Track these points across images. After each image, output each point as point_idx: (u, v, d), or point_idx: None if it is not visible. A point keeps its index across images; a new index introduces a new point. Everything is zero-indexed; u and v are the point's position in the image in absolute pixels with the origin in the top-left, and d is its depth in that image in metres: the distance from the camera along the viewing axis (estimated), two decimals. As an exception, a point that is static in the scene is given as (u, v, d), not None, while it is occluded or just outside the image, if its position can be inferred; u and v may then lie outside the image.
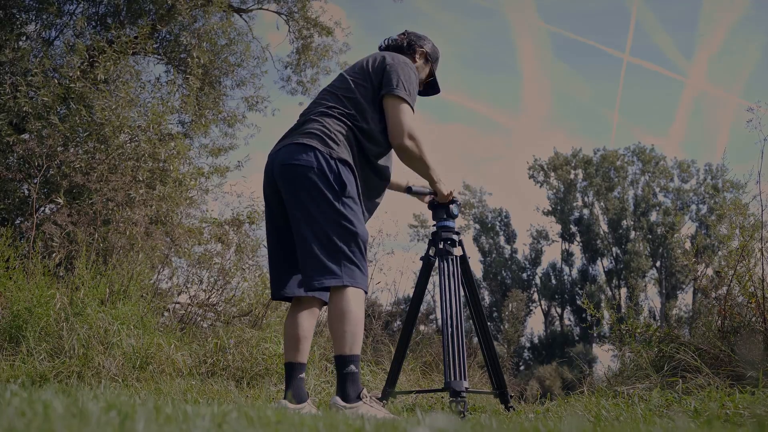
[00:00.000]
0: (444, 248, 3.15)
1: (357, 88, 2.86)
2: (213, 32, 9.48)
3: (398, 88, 2.80)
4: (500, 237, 43.21)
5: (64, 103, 7.60)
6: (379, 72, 2.87)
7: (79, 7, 9.49)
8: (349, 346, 2.57)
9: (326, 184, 2.63)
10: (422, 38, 3.24)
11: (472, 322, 3.38)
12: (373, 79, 2.86)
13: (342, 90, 2.88)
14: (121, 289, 5.28)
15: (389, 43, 3.21)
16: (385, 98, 2.82)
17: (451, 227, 3.22)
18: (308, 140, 2.70)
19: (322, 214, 2.63)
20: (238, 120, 9.94)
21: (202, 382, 4.27)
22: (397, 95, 2.79)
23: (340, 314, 2.58)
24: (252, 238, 7.60)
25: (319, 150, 2.67)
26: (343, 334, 2.57)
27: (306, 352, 2.79)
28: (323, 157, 2.65)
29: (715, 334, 3.93)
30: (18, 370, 4.24)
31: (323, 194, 2.63)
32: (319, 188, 2.63)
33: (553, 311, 41.33)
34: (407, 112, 2.80)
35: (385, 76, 2.84)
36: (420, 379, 5.13)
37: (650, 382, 3.65)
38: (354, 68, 2.97)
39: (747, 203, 4.41)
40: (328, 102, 2.85)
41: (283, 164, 2.71)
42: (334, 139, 2.71)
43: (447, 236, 3.18)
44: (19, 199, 7.56)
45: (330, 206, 2.63)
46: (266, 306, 5.97)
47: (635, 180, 41.05)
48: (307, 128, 2.76)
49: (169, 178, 7.15)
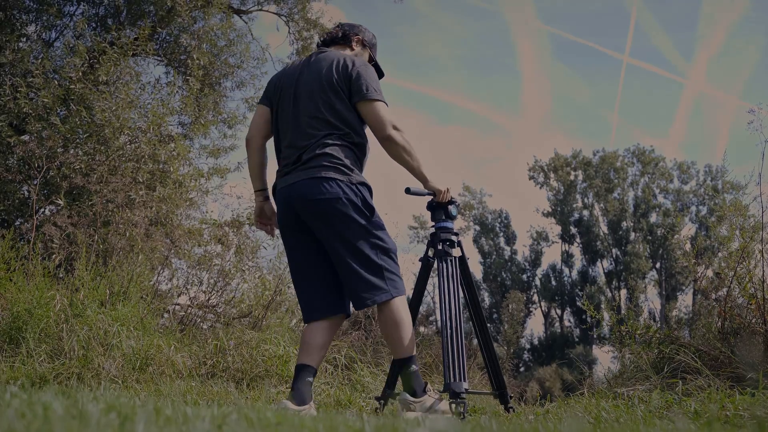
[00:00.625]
0: (443, 249, 3.15)
1: (337, 104, 2.94)
2: (213, 33, 9.47)
3: (369, 92, 2.93)
4: (500, 238, 43.21)
5: (64, 104, 7.60)
6: (346, 80, 2.96)
7: (79, 8, 9.50)
8: (407, 349, 2.84)
9: (357, 211, 2.82)
10: (356, 26, 3.35)
11: (472, 323, 3.38)
12: (344, 90, 2.96)
13: (325, 111, 2.94)
14: (121, 290, 5.28)
15: (326, 39, 3.31)
16: (359, 105, 2.95)
17: (450, 228, 3.22)
18: (326, 173, 2.82)
19: (360, 239, 2.82)
20: (238, 121, 9.94)
21: (202, 384, 4.27)
22: (370, 99, 2.92)
23: (395, 324, 2.83)
24: (252, 240, 7.60)
25: (340, 180, 2.82)
26: (401, 340, 2.83)
27: (318, 359, 2.87)
28: (347, 186, 2.82)
29: (715, 336, 3.92)
30: (18, 372, 4.23)
31: (356, 221, 2.82)
32: (352, 217, 2.82)
33: (553, 313, 41.32)
34: (383, 107, 2.94)
35: (354, 85, 2.95)
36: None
37: (650, 383, 3.65)
38: (318, 83, 2.99)
39: (747, 204, 4.41)
40: (320, 130, 2.92)
41: (309, 200, 2.83)
42: (347, 165, 2.86)
43: (446, 237, 3.19)
44: (19, 200, 7.56)
45: (364, 230, 2.83)
46: (266, 307, 5.97)
47: (635, 181, 41.05)
48: (317, 162, 2.86)
49: (169, 179, 7.14)
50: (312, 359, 2.83)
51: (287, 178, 2.93)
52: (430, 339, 8.07)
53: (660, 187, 40.65)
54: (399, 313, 2.83)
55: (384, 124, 2.89)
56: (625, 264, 38.59)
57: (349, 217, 2.80)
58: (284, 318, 6.17)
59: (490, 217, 43.19)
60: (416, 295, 3.33)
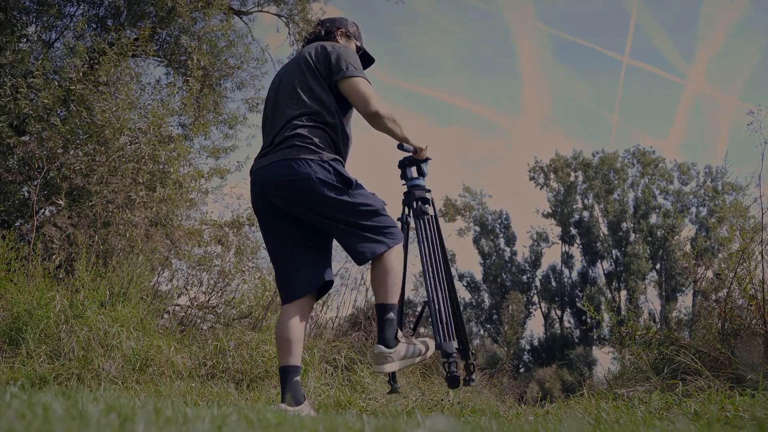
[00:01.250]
0: (419, 208, 3.19)
1: (313, 85, 2.96)
2: (213, 34, 9.48)
3: (348, 70, 2.94)
4: (500, 239, 43.20)
5: (64, 105, 7.60)
6: (325, 62, 2.98)
7: (79, 9, 9.50)
8: (390, 296, 2.88)
9: (332, 189, 2.81)
10: (336, 20, 3.37)
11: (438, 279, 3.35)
12: (321, 71, 2.97)
13: (301, 91, 2.96)
14: (121, 291, 5.28)
15: (309, 37, 3.33)
16: (340, 84, 2.95)
17: (423, 186, 3.25)
18: (296, 153, 2.83)
19: (347, 213, 2.84)
20: (238, 121, 9.94)
21: (202, 385, 4.27)
22: (350, 76, 2.93)
23: (385, 271, 2.86)
24: (252, 240, 7.61)
25: (311, 159, 2.81)
26: (386, 285, 2.87)
27: (299, 354, 2.86)
28: (317, 165, 2.81)
29: (715, 337, 3.92)
30: (18, 373, 4.23)
31: (336, 199, 2.82)
32: (330, 196, 2.81)
33: (553, 314, 41.31)
34: (364, 83, 2.94)
35: (333, 65, 2.96)
36: (420, 381, 5.12)
37: (650, 384, 3.65)
38: (298, 68, 3.04)
39: (748, 206, 4.41)
40: (294, 110, 2.94)
41: (281, 181, 2.84)
42: (317, 144, 2.86)
43: (420, 195, 3.21)
44: (19, 201, 7.56)
45: (346, 204, 2.83)
46: (266, 308, 5.97)
47: (635, 182, 41.04)
48: (288, 144, 2.87)
49: (169, 180, 7.14)
50: (294, 358, 2.83)
51: (261, 161, 2.96)
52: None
53: (660, 188, 40.64)
54: (391, 262, 2.87)
55: (368, 98, 2.90)
56: (625, 265, 38.58)
57: (328, 197, 2.81)
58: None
59: (490, 218, 43.20)
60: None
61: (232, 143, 9.73)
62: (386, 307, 2.88)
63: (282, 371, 2.83)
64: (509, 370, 7.23)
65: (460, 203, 41.73)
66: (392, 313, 2.88)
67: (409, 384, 4.95)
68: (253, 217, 7.87)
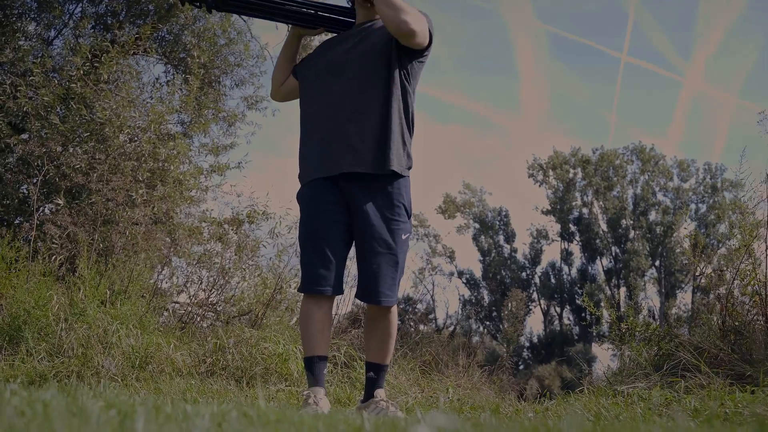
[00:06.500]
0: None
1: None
2: (212, 31, 9.46)
3: None
4: (500, 236, 43.16)
5: (64, 103, 7.59)
6: None
7: (78, 6, 9.48)
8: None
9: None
10: None
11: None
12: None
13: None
14: (122, 289, 5.28)
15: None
16: None
17: None
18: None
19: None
20: (238, 119, 9.92)
21: (202, 382, 4.27)
22: None
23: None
24: (252, 238, 7.60)
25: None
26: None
27: None
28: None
29: (715, 333, 3.93)
30: (17, 370, 4.24)
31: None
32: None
33: (553, 311, 41.31)
34: None
35: None
36: (420, 378, 5.13)
37: (650, 381, 3.65)
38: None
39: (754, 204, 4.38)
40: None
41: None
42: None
43: None
44: (18, 199, 7.55)
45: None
46: (266, 305, 5.97)
47: (634, 179, 41.00)
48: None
49: (169, 177, 7.14)
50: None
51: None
52: (430, 337, 8.08)
53: (660, 185, 40.63)
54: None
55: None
56: (625, 262, 38.58)
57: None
58: (284, 316, 6.18)
59: (490, 214, 43.17)
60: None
61: (231, 140, 9.71)
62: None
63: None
64: (509, 367, 7.23)
65: (460, 200, 41.70)
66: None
67: (408, 381, 4.96)
68: (253, 215, 7.88)
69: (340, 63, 2.86)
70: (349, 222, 2.80)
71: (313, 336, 2.77)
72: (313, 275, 2.75)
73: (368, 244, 2.75)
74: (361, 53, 2.84)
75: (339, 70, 2.85)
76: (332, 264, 2.75)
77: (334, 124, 2.80)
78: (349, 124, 2.76)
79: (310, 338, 2.77)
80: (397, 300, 2.81)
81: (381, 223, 2.74)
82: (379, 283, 2.74)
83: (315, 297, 2.78)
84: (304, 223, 2.83)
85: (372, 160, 2.74)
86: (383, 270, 2.74)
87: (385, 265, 2.75)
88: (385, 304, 2.76)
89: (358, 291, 2.82)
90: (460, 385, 5.26)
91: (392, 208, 2.76)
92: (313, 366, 2.75)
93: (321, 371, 2.76)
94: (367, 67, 2.81)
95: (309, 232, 2.80)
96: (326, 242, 2.76)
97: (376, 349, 2.85)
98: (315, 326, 2.76)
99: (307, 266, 2.79)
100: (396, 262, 2.77)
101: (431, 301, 32.27)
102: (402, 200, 2.79)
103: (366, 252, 2.76)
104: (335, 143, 2.77)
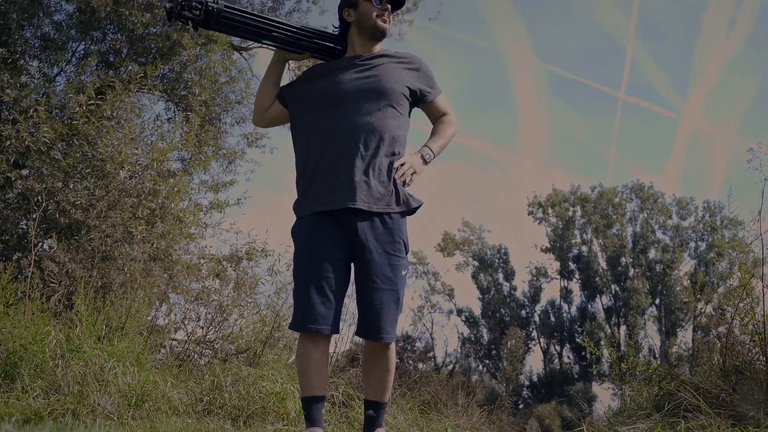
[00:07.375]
0: None
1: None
2: (214, 69, 9.58)
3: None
4: (499, 274, 43.06)
5: (65, 139, 7.64)
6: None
7: (81, 44, 9.59)
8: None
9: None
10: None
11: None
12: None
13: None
14: (119, 326, 5.26)
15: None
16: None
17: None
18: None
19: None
20: (238, 156, 9.98)
21: (198, 421, 4.22)
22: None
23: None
24: (250, 275, 7.59)
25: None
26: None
27: None
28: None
29: (716, 373, 3.90)
30: (12, 408, 4.19)
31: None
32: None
33: (552, 349, 41.01)
34: None
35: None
36: (418, 418, 5.07)
37: (651, 421, 3.61)
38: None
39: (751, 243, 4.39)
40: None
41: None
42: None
43: None
44: (17, 235, 7.55)
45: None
46: (264, 343, 5.93)
47: (633, 217, 41.10)
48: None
49: (169, 215, 7.16)
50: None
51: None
52: (429, 375, 8.01)
53: (659, 223, 40.68)
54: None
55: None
56: (625, 300, 38.42)
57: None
58: (282, 354, 6.13)
59: (489, 252, 43.12)
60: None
61: (231, 178, 9.75)
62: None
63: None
64: (508, 406, 7.16)
65: (459, 238, 41.71)
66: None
67: (407, 421, 4.91)
68: (251, 252, 7.88)
69: (345, 93, 2.81)
70: (348, 259, 2.78)
71: (310, 376, 2.73)
72: (311, 313, 2.70)
73: (370, 280, 2.73)
74: (372, 88, 2.81)
75: (343, 101, 2.80)
76: (331, 302, 2.72)
77: (337, 157, 2.74)
78: (355, 158, 2.72)
79: (308, 378, 2.73)
80: (396, 336, 2.80)
81: (383, 259, 2.73)
82: (381, 320, 2.73)
83: (312, 336, 2.74)
84: (302, 259, 2.77)
85: (381, 196, 2.75)
86: (385, 306, 2.73)
87: (387, 302, 2.73)
88: (387, 340, 2.75)
89: (359, 328, 2.79)
90: (459, 425, 5.20)
91: (393, 243, 2.75)
92: (311, 406, 2.72)
93: (319, 411, 2.73)
94: (378, 103, 2.80)
95: (308, 268, 2.74)
96: (326, 279, 2.71)
97: (376, 385, 2.83)
98: (312, 366, 2.73)
99: (304, 304, 2.72)
100: (397, 298, 2.77)
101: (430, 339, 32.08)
102: (402, 236, 2.79)
103: (368, 288, 2.74)
104: (341, 177, 2.73)
